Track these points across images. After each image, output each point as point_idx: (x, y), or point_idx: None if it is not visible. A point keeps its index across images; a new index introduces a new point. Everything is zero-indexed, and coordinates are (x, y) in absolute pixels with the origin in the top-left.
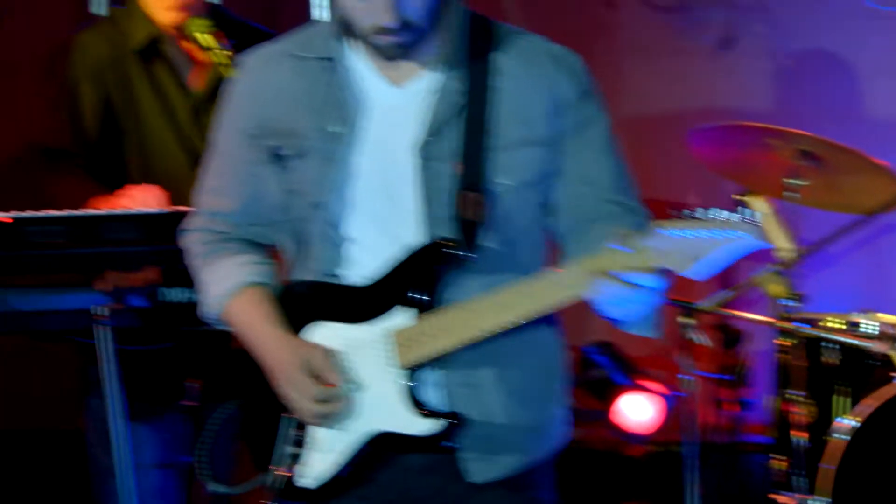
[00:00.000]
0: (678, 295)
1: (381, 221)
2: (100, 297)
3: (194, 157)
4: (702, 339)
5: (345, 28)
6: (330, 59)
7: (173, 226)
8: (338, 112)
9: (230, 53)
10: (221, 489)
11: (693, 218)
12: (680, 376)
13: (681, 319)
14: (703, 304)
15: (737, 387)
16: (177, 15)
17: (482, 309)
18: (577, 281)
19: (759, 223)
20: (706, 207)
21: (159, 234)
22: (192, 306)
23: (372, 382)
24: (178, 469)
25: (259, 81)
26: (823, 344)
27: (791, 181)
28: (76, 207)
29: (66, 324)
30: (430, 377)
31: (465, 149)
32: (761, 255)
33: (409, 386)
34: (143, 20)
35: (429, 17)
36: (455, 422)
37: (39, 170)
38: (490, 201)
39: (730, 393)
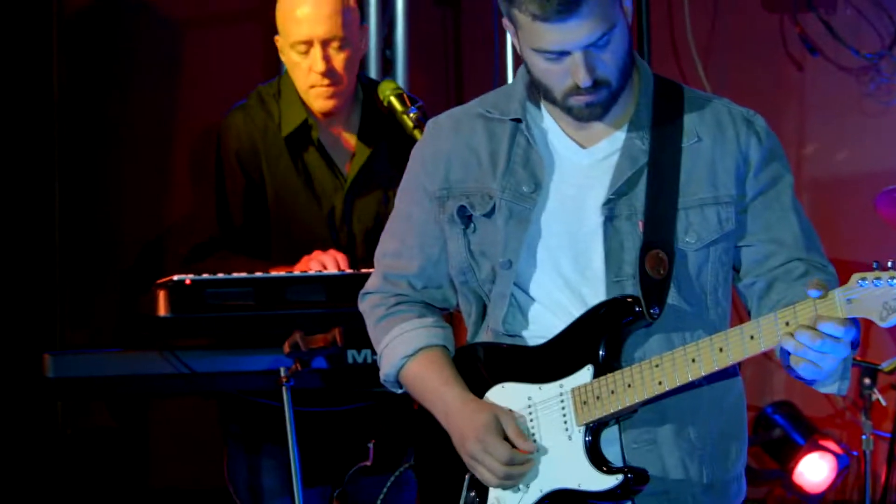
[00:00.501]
0: (859, 355)
1: (566, 280)
2: (283, 359)
3: (343, 246)
4: (881, 398)
5: (535, 90)
6: (520, 121)
7: (356, 287)
8: (528, 173)
9: (416, 116)
10: None
11: (890, 269)
12: (862, 437)
13: (864, 379)
14: (885, 364)
15: None
16: (333, 102)
17: (664, 364)
18: (768, 333)
19: None
20: None
21: (342, 296)
22: (373, 368)
23: (551, 440)
24: None
25: (449, 143)
26: None
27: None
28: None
29: (249, 385)
30: (606, 434)
31: (648, 207)
32: None
33: (587, 442)
34: (296, 104)
35: (620, 76)
36: (632, 476)
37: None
38: (675, 260)
39: None
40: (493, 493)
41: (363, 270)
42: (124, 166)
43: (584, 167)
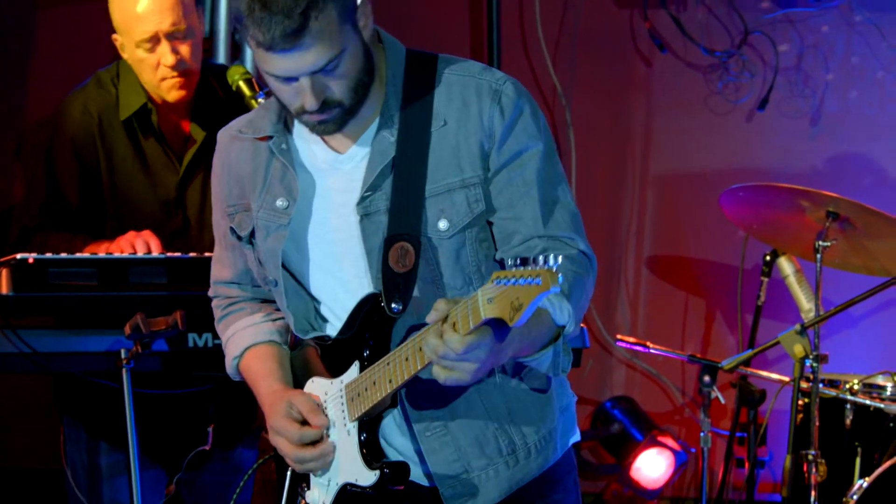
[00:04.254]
0: (700, 353)
1: (345, 283)
2: (123, 341)
3: (177, 229)
4: (720, 396)
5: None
6: (271, 138)
7: (199, 271)
8: (284, 187)
9: (264, 101)
10: None
11: (522, 266)
12: (700, 434)
13: (703, 377)
14: (725, 362)
15: (753, 445)
16: (185, 92)
17: (392, 362)
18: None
19: (552, 268)
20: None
21: (185, 279)
22: (214, 351)
23: (337, 435)
24: None
25: (225, 159)
26: (844, 405)
27: (820, 243)
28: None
29: (89, 366)
30: (390, 426)
31: (394, 199)
32: (787, 315)
33: (362, 437)
34: (135, 88)
35: (353, 95)
36: (389, 471)
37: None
38: (421, 251)
39: (746, 451)
40: (313, 489)
41: (207, 255)
42: None
43: (345, 172)
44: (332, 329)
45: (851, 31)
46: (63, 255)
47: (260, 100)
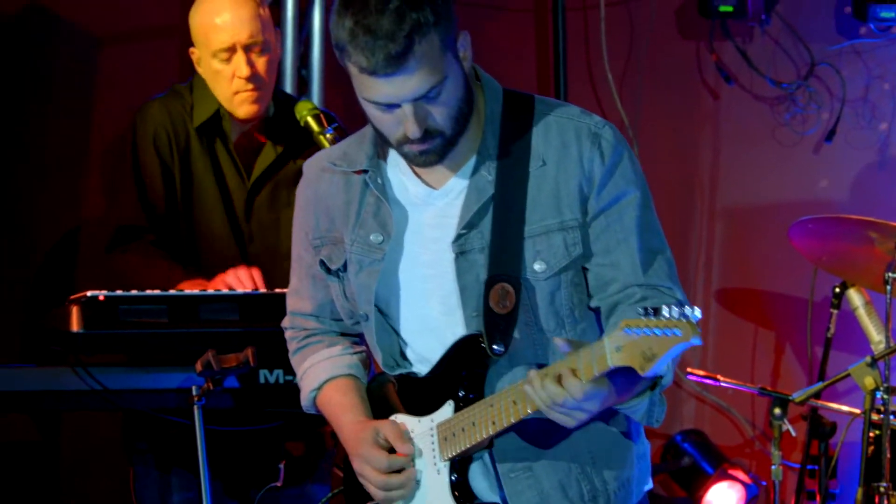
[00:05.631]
0: (770, 385)
1: (434, 321)
2: (195, 378)
3: (242, 241)
4: (790, 429)
5: (381, 136)
6: (367, 171)
7: (269, 307)
8: (378, 222)
9: (332, 136)
10: None
11: (654, 316)
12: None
13: (774, 410)
14: (795, 395)
15: (824, 478)
16: (256, 107)
17: (496, 404)
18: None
19: (692, 321)
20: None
21: (256, 315)
22: (285, 388)
23: (424, 474)
24: None
25: (314, 191)
26: None
27: (890, 274)
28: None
29: (160, 403)
30: (478, 467)
31: (494, 239)
32: (857, 347)
33: (452, 477)
34: (208, 98)
35: (455, 124)
36: None
37: (121, 256)
38: (521, 292)
39: (817, 484)
40: None
41: (277, 291)
42: (36, 182)
43: (439, 208)
44: (416, 366)
45: None
46: (133, 291)
47: (328, 135)
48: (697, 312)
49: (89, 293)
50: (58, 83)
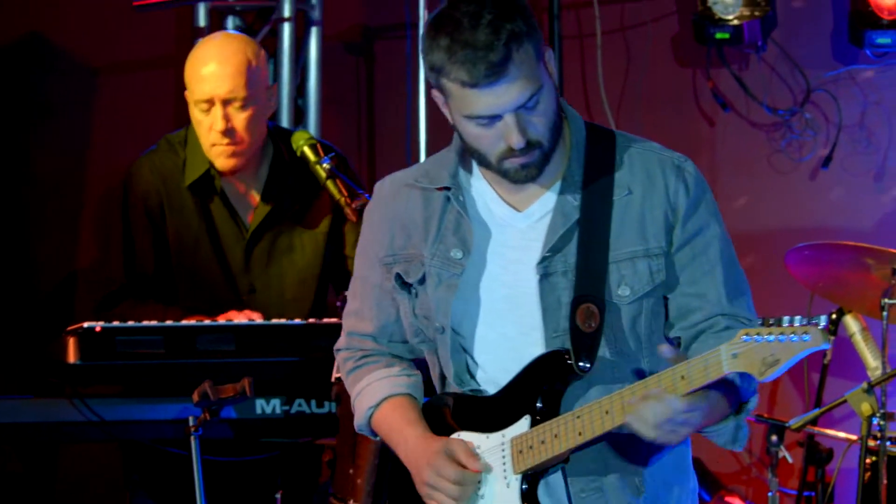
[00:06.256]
0: (766, 412)
1: (510, 340)
2: (191, 408)
3: (242, 294)
4: (787, 455)
5: (468, 157)
6: (449, 189)
7: (266, 338)
8: (458, 239)
9: (329, 166)
10: None
11: (772, 325)
12: (768, 493)
13: (770, 437)
14: (792, 422)
15: None
16: (233, 161)
17: (584, 416)
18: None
19: (821, 326)
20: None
21: (252, 346)
22: (282, 418)
23: (491, 488)
24: None
25: (390, 209)
26: None
27: (886, 300)
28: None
29: (158, 434)
30: (550, 483)
31: (580, 262)
32: (853, 373)
33: (523, 490)
34: (201, 154)
35: (551, 136)
36: None
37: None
38: (606, 313)
39: None
40: None
41: (274, 322)
42: (35, 212)
43: (521, 230)
44: (483, 385)
45: None
46: (130, 323)
47: (325, 165)
48: (823, 320)
49: (86, 324)
50: (56, 114)
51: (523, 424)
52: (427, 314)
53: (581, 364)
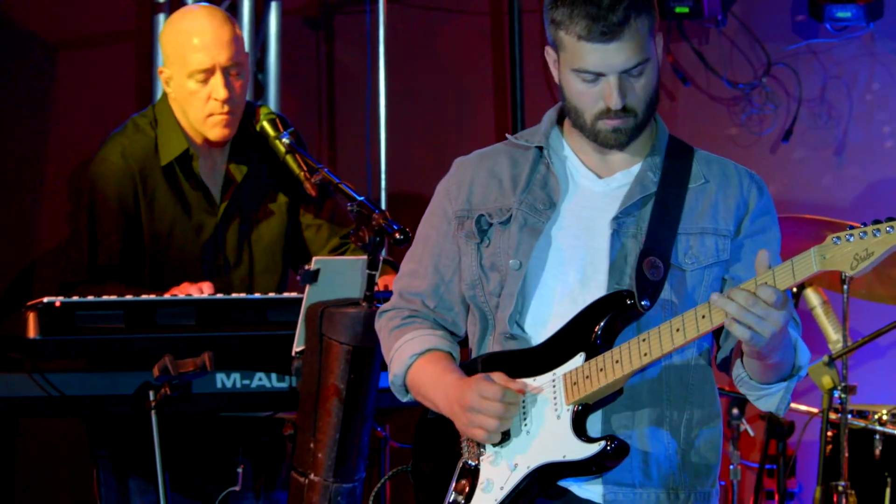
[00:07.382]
0: (728, 386)
1: (570, 289)
2: (152, 382)
3: (217, 274)
4: (749, 429)
5: (565, 118)
6: (542, 148)
7: (226, 312)
8: (545, 193)
9: (288, 141)
10: None
11: (864, 226)
12: (730, 466)
13: (732, 410)
14: None
15: (782, 477)
16: (229, 131)
17: (651, 338)
18: (726, 302)
19: None
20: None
21: (212, 320)
22: (242, 392)
23: (540, 423)
24: None
25: (473, 171)
26: (874, 436)
27: (846, 274)
28: None
29: (118, 408)
30: (590, 420)
31: (651, 226)
32: (815, 346)
33: (574, 417)
34: (176, 132)
35: (647, 108)
36: (615, 444)
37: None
38: (670, 270)
39: (775, 483)
40: (484, 474)
41: (234, 296)
42: None
43: (598, 194)
44: (530, 331)
45: (874, 62)
46: (90, 297)
47: (285, 140)
48: None
49: (45, 299)
50: (14, 90)
51: (577, 360)
52: (496, 262)
53: (644, 302)
